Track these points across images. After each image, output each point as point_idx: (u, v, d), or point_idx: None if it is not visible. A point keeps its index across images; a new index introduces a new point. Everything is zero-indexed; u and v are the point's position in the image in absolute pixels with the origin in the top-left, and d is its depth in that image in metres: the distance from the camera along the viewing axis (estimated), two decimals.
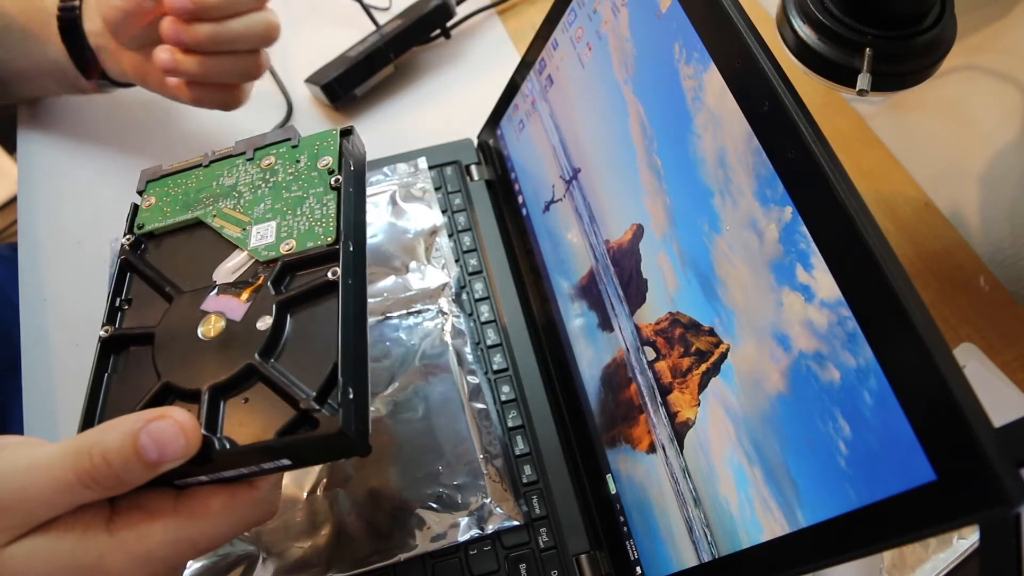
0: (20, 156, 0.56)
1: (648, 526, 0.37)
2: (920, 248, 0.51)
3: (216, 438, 0.26)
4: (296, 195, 0.32)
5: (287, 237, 0.30)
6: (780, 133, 0.28)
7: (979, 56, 0.49)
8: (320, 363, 0.26)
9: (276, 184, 0.33)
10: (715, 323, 0.32)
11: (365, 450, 0.26)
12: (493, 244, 0.51)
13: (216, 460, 0.25)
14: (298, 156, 0.33)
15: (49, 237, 0.53)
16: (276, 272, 0.30)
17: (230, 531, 0.27)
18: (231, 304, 0.29)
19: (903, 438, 0.23)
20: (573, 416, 0.44)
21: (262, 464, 0.26)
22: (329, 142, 0.33)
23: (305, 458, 0.26)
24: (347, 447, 0.26)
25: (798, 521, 0.28)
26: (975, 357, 0.45)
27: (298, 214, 0.31)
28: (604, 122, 0.40)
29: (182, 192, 0.34)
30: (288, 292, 0.29)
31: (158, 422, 0.24)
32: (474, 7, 0.63)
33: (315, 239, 0.30)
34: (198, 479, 0.26)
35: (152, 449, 0.24)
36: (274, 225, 0.31)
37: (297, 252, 0.30)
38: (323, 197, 0.31)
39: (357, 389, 0.26)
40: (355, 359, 0.27)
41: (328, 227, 0.30)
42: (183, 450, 0.24)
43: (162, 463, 0.24)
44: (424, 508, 0.40)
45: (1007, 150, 0.49)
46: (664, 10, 0.34)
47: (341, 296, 0.28)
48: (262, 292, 0.29)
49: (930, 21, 0.37)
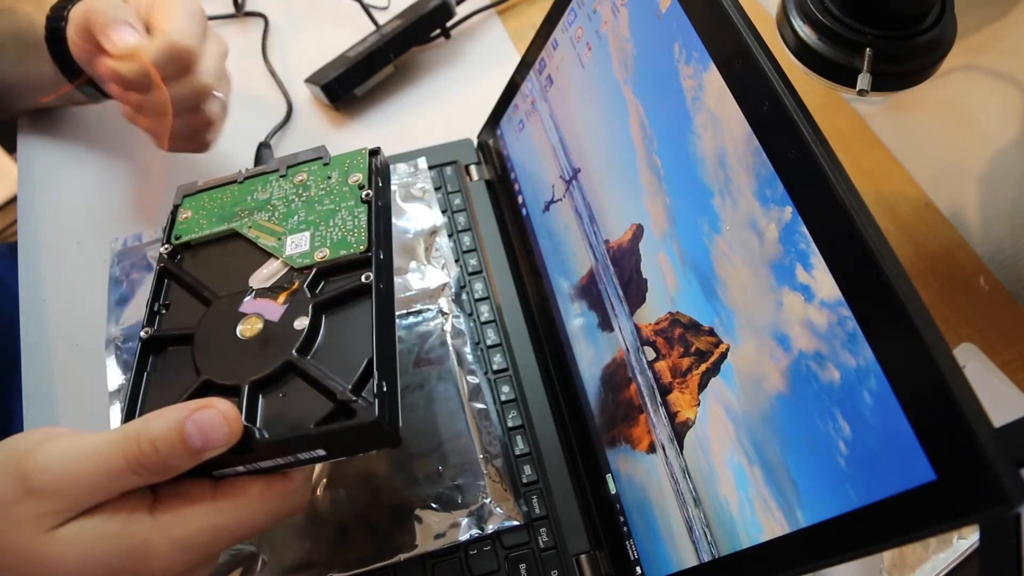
0: (20, 156, 0.56)
1: (648, 526, 0.37)
2: (920, 248, 0.51)
3: (256, 429, 0.27)
4: (328, 208, 0.34)
5: (321, 246, 0.33)
6: (780, 133, 0.28)
7: (979, 56, 0.49)
8: (355, 359, 0.28)
9: (309, 198, 0.35)
10: (715, 323, 0.32)
11: (396, 441, 0.27)
12: (493, 244, 0.51)
13: (256, 450, 0.27)
14: (329, 173, 0.36)
15: (49, 237, 0.53)
16: (311, 277, 0.32)
17: (265, 519, 0.28)
18: (268, 306, 0.31)
19: (903, 438, 0.23)
20: (573, 416, 0.44)
21: (298, 455, 0.27)
22: (359, 160, 0.36)
23: (339, 448, 0.28)
24: (380, 437, 0.27)
25: (798, 521, 0.28)
26: (975, 357, 0.45)
27: (331, 225, 0.34)
28: (604, 122, 0.40)
29: (218, 206, 0.36)
30: (324, 295, 0.31)
31: (202, 411, 0.26)
32: (474, 7, 0.63)
33: (348, 247, 0.32)
34: (236, 470, 0.28)
35: (197, 436, 0.26)
36: (308, 235, 0.33)
37: (331, 259, 0.32)
38: (355, 210, 0.34)
39: (390, 384, 0.28)
40: (387, 356, 0.29)
41: (360, 236, 0.33)
42: (226, 437, 0.26)
43: (206, 450, 0.26)
44: (424, 508, 0.40)
45: (1007, 150, 0.49)
46: (664, 10, 0.34)
47: (375, 297, 0.30)
48: (298, 295, 0.31)
49: (930, 21, 0.37)
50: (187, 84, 0.42)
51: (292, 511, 0.29)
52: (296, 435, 0.27)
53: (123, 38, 0.40)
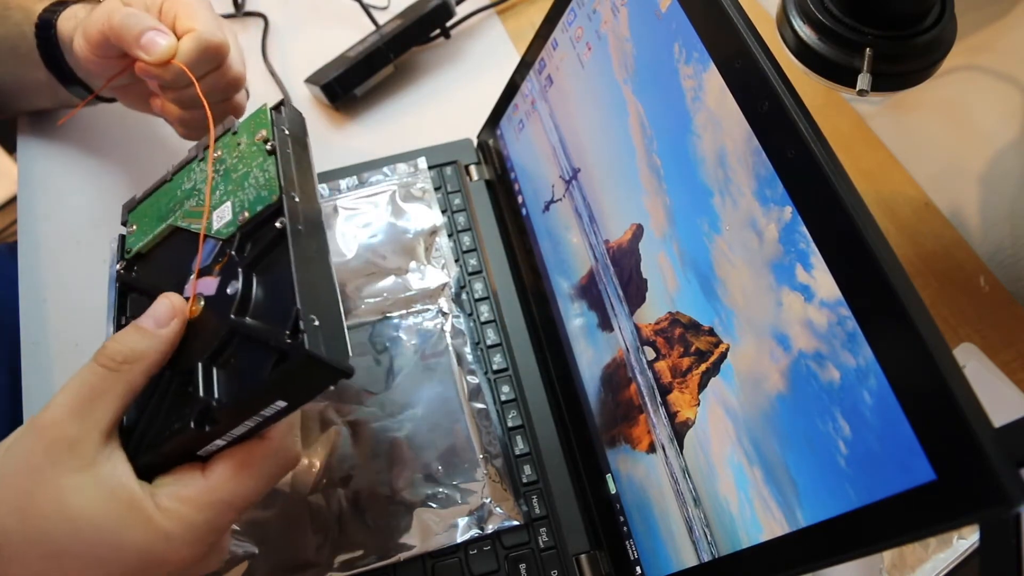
0: (20, 156, 0.56)
1: (648, 526, 0.37)
2: (920, 248, 0.51)
3: (213, 400, 0.27)
4: (242, 172, 0.34)
5: (241, 210, 0.32)
6: (780, 133, 0.28)
7: (979, 56, 0.49)
8: (288, 305, 0.28)
9: (226, 171, 0.35)
10: (715, 323, 0.32)
11: (346, 371, 0.27)
12: (493, 244, 0.51)
13: (217, 419, 0.27)
14: (239, 140, 0.35)
15: (49, 237, 0.53)
16: (237, 242, 0.31)
17: (259, 483, 0.29)
18: (206, 283, 0.31)
19: (903, 438, 0.23)
20: (573, 416, 0.44)
21: (261, 412, 0.28)
22: (262, 117, 0.35)
23: (295, 393, 0.28)
24: (325, 371, 0.27)
25: (798, 521, 0.28)
26: (975, 357, 0.45)
27: (246, 187, 0.33)
28: (604, 122, 0.40)
29: (155, 209, 0.37)
30: (250, 254, 0.31)
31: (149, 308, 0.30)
32: (474, 7, 0.63)
33: (264, 202, 0.32)
34: (216, 444, 0.29)
35: (148, 321, 0.29)
36: (229, 205, 0.33)
37: (251, 218, 0.32)
38: (264, 164, 0.33)
39: (324, 316, 0.28)
40: (317, 291, 0.29)
41: (273, 187, 0.32)
42: (170, 311, 0.30)
43: (159, 327, 0.29)
44: (424, 508, 0.40)
45: (1007, 150, 0.49)
46: (664, 10, 0.34)
47: (291, 239, 0.29)
48: (230, 263, 0.31)
49: (930, 21, 0.37)
50: (221, 77, 0.43)
51: (283, 468, 0.30)
52: (243, 392, 0.27)
53: (158, 45, 0.40)
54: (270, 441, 0.29)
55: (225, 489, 0.28)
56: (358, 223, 0.49)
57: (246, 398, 0.27)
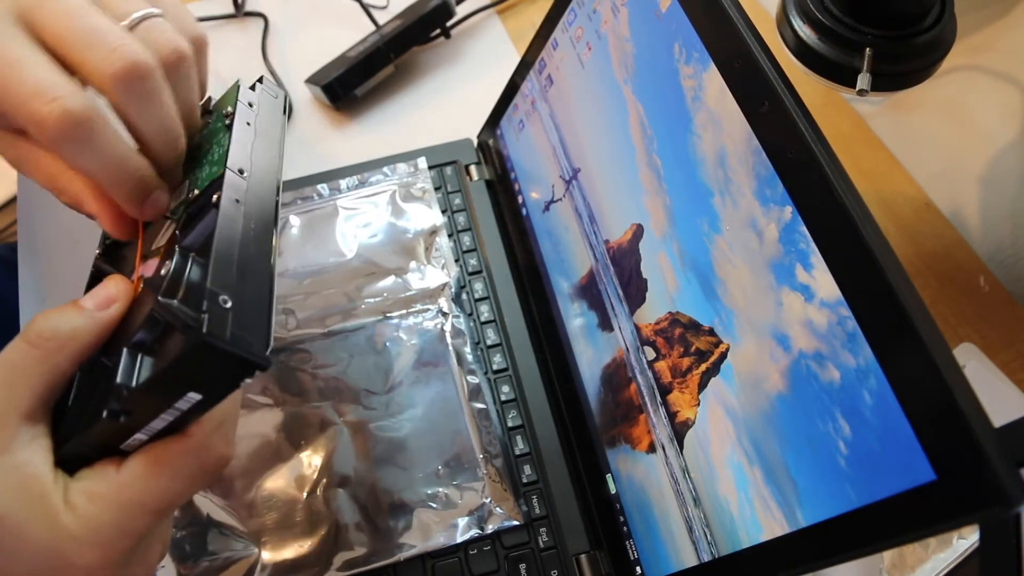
0: None
1: (648, 526, 0.37)
2: (920, 248, 0.51)
3: (124, 386, 0.25)
4: (204, 150, 0.32)
5: (193, 187, 0.30)
6: (780, 133, 0.28)
7: (979, 56, 0.49)
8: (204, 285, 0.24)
9: (192, 149, 0.33)
10: (715, 323, 0.32)
11: (258, 362, 0.24)
12: (493, 244, 0.51)
13: (128, 409, 0.24)
14: (208, 119, 0.33)
15: (49, 237, 0.53)
16: (182, 220, 0.29)
17: (175, 483, 0.26)
18: (149, 264, 0.29)
19: (903, 438, 0.23)
20: (573, 416, 0.44)
21: (175, 404, 0.24)
22: (232, 94, 0.33)
23: (206, 384, 0.24)
24: (230, 360, 0.23)
25: (798, 521, 0.28)
26: (975, 357, 0.45)
27: (203, 164, 0.31)
28: (604, 122, 0.40)
29: None
30: (187, 232, 0.28)
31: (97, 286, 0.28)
32: (474, 7, 0.63)
33: (212, 177, 0.29)
34: (136, 438, 0.26)
35: (88, 300, 0.27)
36: (187, 184, 0.31)
37: (198, 195, 0.29)
38: (222, 139, 0.30)
39: (242, 299, 0.24)
40: (239, 271, 0.25)
41: (222, 162, 0.29)
42: (113, 289, 0.27)
43: (98, 308, 0.27)
44: (424, 508, 0.40)
45: (1007, 150, 0.49)
46: (664, 10, 0.34)
47: (220, 210, 0.26)
48: (171, 242, 0.28)
49: (930, 21, 0.37)
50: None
51: (205, 469, 0.27)
52: (152, 380, 0.24)
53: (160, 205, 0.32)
54: (190, 438, 0.26)
55: (136, 487, 0.25)
56: (358, 223, 0.49)
57: (151, 386, 0.24)
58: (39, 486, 0.24)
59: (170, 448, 0.26)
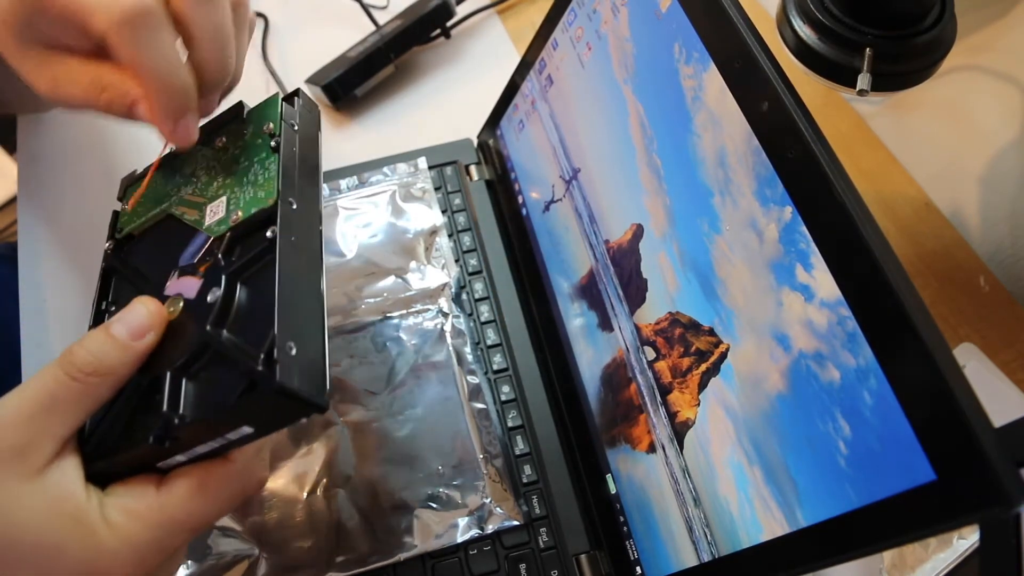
0: (20, 156, 0.56)
1: (648, 526, 0.37)
2: (920, 248, 0.51)
3: (176, 414, 0.26)
4: (244, 166, 0.31)
5: (235, 208, 0.30)
6: (780, 133, 0.28)
7: (979, 56, 0.49)
8: (265, 327, 0.25)
9: (227, 161, 0.32)
10: (715, 323, 0.32)
11: (320, 406, 0.25)
12: (493, 244, 0.51)
13: (177, 436, 0.25)
14: (245, 129, 0.33)
15: (49, 237, 0.53)
16: (225, 244, 0.29)
17: (216, 506, 0.27)
18: (188, 283, 0.29)
19: (903, 438, 0.23)
20: (573, 416, 0.44)
21: (225, 435, 0.26)
22: (272, 107, 0.33)
23: (262, 421, 0.26)
24: (296, 404, 0.25)
25: (798, 521, 0.28)
26: (975, 357, 0.45)
27: (245, 184, 0.31)
28: (604, 122, 0.40)
29: (153, 190, 0.34)
30: (237, 261, 0.28)
31: (124, 312, 0.27)
32: (474, 7, 0.63)
33: (259, 204, 0.29)
34: (176, 459, 0.27)
35: (122, 328, 0.27)
36: (224, 200, 0.31)
37: (243, 220, 0.29)
38: (266, 161, 0.31)
39: (304, 343, 0.26)
40: (299, 315, 0.26)
41: (270, 189, 0.29)
42: (148, 319, 0.27)
43: (133, 339, 0.27)
44: (424, 508, 0.40)
45: (1007, 150, 0.49)
46: (664, 10, 0.34)
47: (279, 254, 0.27)
48: (214, 267, 0.29)
49: (930, 21, 0.37)
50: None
51: (243, 493, 0.28)
52: (212, 415, 0.25)
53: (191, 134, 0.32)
54: (233, 463, 0.27)
55: (179, 508, 0.26)
56: (358, 223, 0.49)
57: (210, 420, 0.25)
58: (73, 506, 0.25)
59: (213, 472, 0.27)
